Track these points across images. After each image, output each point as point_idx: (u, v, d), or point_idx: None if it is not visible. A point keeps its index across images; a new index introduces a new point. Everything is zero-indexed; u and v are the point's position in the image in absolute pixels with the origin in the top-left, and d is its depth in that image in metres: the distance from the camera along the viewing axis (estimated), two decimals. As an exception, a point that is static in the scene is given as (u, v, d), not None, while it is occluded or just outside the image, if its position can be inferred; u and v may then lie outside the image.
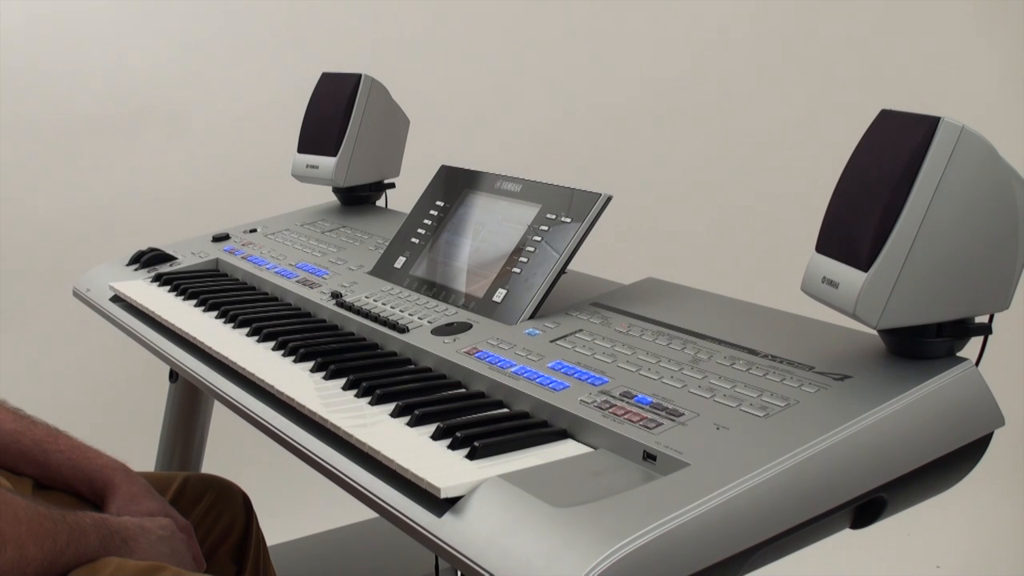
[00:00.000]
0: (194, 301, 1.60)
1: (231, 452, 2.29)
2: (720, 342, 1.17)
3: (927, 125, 0.98)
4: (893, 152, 1.00)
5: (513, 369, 1.17)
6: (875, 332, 1.06)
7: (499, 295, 1.36)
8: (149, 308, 1.58)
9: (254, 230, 1.97)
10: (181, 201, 3.04)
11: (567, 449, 1.02)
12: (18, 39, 2.98)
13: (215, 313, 1.53)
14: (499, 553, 0.83)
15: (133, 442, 1.98)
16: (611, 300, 1.36)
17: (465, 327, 1.32)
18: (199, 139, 3.12)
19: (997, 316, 1.06)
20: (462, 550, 0.86)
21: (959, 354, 1.05)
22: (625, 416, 1.02)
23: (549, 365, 1.17)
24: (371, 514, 1.02)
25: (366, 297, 1.49)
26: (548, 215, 1.38)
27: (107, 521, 1.17)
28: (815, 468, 0.91)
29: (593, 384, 1.10)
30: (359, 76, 1.95)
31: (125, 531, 1.18)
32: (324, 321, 1.48)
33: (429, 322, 1.36)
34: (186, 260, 1.84)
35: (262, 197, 2.61)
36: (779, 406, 0.99)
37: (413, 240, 1.57)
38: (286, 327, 1.42)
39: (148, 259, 1.83)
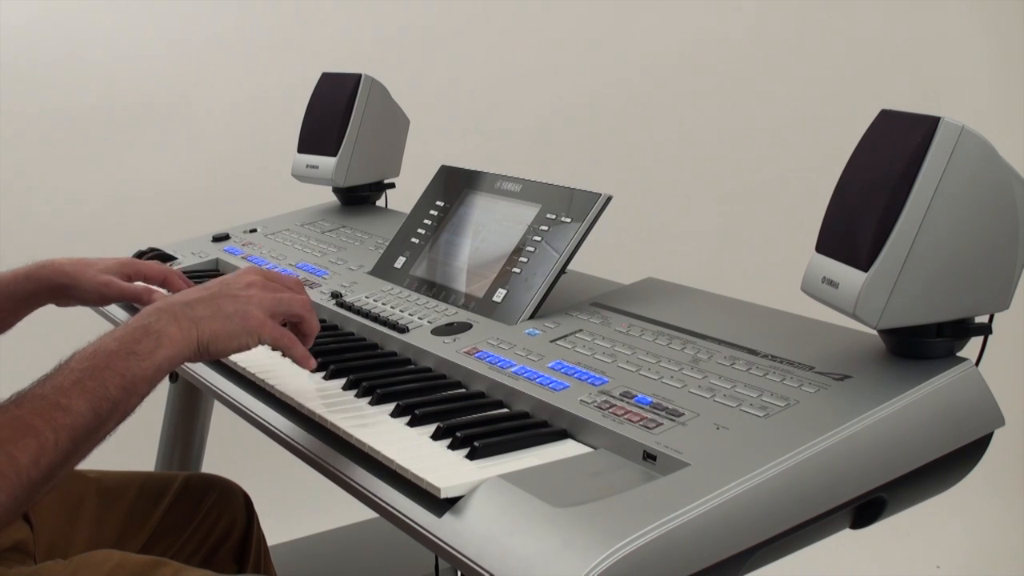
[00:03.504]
0: (194, 301, 1.60)
1: (231, 452, 2.30)
2: (720, 342, 1.17)
3: (927, 125, 0.98)
4: (893, 152, 1.00)
5: (513, 369, 1.17)
6: (875, 332, 1.06)
7: (499, 295, 1.36)
8: (149, 308, 1.58)
9: (254, 230, 1.97)
10: (181, 201, 3.04)
11: (567, 449, 1.02)
12: (17, 39, 2.98)
13: (215, 313, 1.53)
14: (499, 553, 0.83)
15: (133, 442, 1.98)
16: (611, 300, 1.36)
17: (465, 327, 1.32)
18: (199, 139, 3.13)
19: (997, 316, 1.06)
20: (462, 550, 0.86)
21: (959, 354, 1.05)
22: (625, 416, 1.02)
23: (549, 365, 1.17)
24: (371, 514, 1.02)
25: (366, 297, 1.49)
26: (548, 215, 1.38)
27: (95, 357, 0.97)
28: (815, 468, 0.91)
29: (593, 384, 1.10)
30: (359, 76, 1.95)
31: (128, 348, 0.98)
32: (324, 321, 1.48)
33: (429, 322, 1.36)
34: (186, 260, 1.84)
35: (262, 197, 2.61)
36: (779, 406, 0.99)
37: (413, 240, 1.57)
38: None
39: (148, 259, 1.83)
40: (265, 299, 1.07)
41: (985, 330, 1.05)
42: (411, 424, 1.08)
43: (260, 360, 1.31)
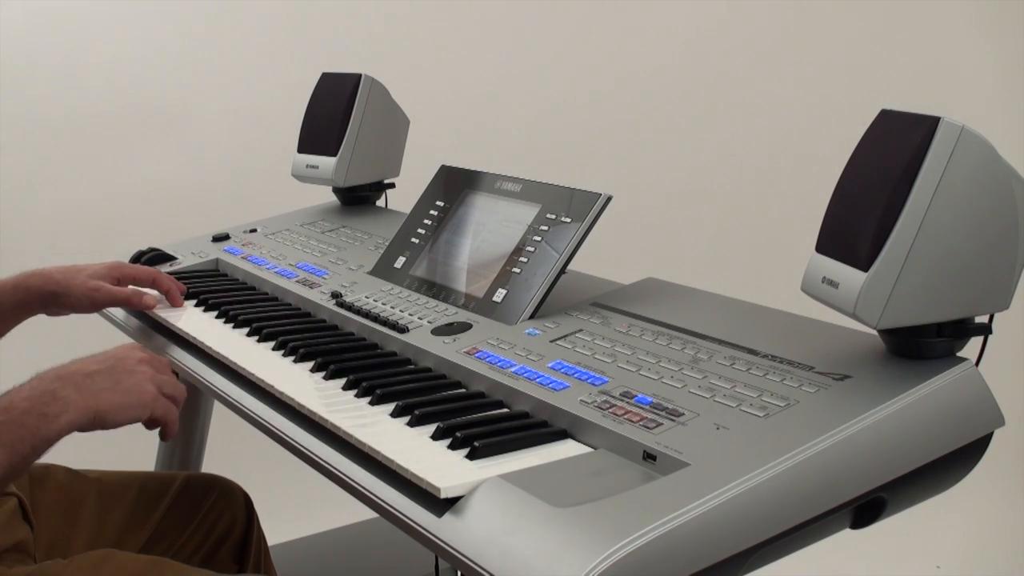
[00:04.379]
0: (194, 301, 1.60)
1: (231, 452, 2.29)
2: (720, 342, 1.17)
3: (927, 125, 0.98)
4: (893, 152, 1.00)
5: (513, 369, 1.17)
6: (875, 332, 1.06)
7: (499, 295, 1.36)
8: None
9: (254, 230, 1.97)
10: (181, 201, 3.04)
11: (567, 449, 1.02)
12: (17, 39, 2.98)
13: (215, 313, 1.53)
14: (499, 553, 0.83)
15: (133, 442, 1.98)
16: (611, 300, 1.36)
17: (465, 327, 1.32)
18: (199, 139, 3.13)
19: (997, 316, 1.06)
20: (462, 550, 0.86)
21: (959, 354, 1.05)
22: (625, 416, 1.02)
23: (549, 365, 1.17)
24: (371, 514, 1.02)
25: (366, 297, 1.49)
26: (548, 215, 1.38)
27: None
28: (815, 468, 0.91)
29: (593, 384, 1.10)
30: (359, 76, 1.95)
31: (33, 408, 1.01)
32: (324, 321, 1.48)
33: (429, 322, 1.36)
34: (186, 260, 1.84)
35: (262, 197, 2.61)
36: (779, 406, 0.99)
37: (413, 240, 1.57)
38: (286, 327, 1.42)
39: (148, 259, 1.83)
40: (157, 378, 1.14)
41: (985, 330, 1.05)
42: (411, 424, 1.08)
43: (260, 360, 1.32)
